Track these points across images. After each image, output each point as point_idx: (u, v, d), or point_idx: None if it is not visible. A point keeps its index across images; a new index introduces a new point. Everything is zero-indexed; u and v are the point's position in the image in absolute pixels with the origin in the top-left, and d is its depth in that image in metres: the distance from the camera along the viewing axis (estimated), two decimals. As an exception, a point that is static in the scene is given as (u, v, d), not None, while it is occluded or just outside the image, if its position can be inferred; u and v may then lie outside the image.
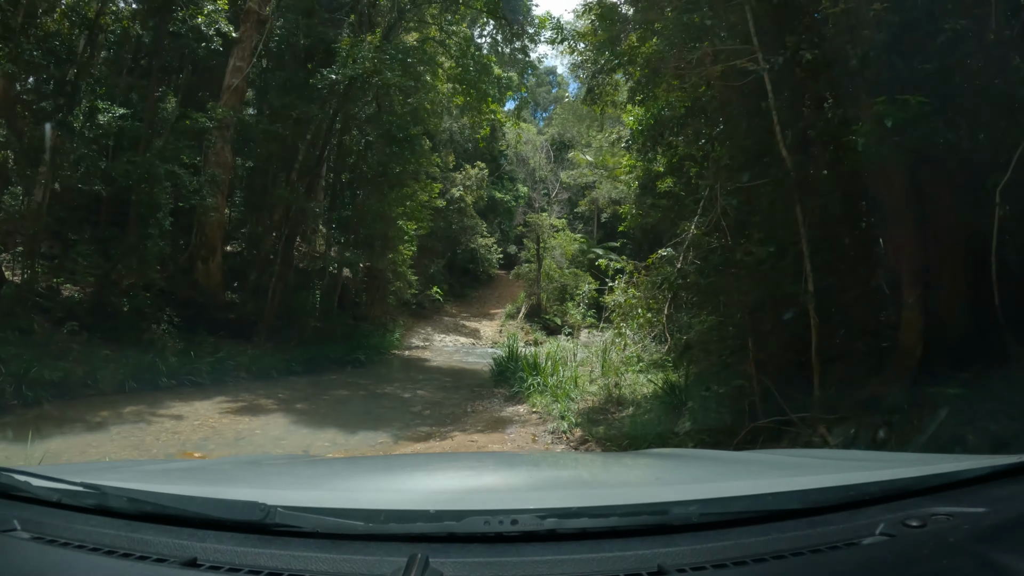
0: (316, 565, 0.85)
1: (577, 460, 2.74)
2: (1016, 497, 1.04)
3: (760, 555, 0.87)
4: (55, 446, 5.36)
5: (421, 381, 11.29)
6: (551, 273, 25.91)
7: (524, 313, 24.21)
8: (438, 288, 19.53)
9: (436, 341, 19.17)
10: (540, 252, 25.23)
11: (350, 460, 2.63)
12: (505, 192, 29.70)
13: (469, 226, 24.97)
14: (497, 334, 21.96)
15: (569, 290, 26.58)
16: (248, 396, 8.75)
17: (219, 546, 0.90)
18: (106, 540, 0.93)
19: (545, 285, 25.40)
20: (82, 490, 1.02)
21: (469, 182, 23.34)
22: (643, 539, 0.92)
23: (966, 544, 0.87)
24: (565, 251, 27.12)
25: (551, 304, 25.56)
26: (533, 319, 24.01)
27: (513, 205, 29.81)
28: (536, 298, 24.91)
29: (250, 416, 7.53)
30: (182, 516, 0.97)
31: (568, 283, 26.33)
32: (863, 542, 0.91)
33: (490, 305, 27.77)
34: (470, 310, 26.40)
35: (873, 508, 1.03)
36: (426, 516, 0.94)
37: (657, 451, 3.05)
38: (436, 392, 9.93)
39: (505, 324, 23.27)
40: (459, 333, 21.29)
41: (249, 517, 0.93)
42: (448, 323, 22.46)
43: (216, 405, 8.04)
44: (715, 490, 1.19)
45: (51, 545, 0.92)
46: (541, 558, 0.86)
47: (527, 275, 26.31)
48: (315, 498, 1.08)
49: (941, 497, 1.05)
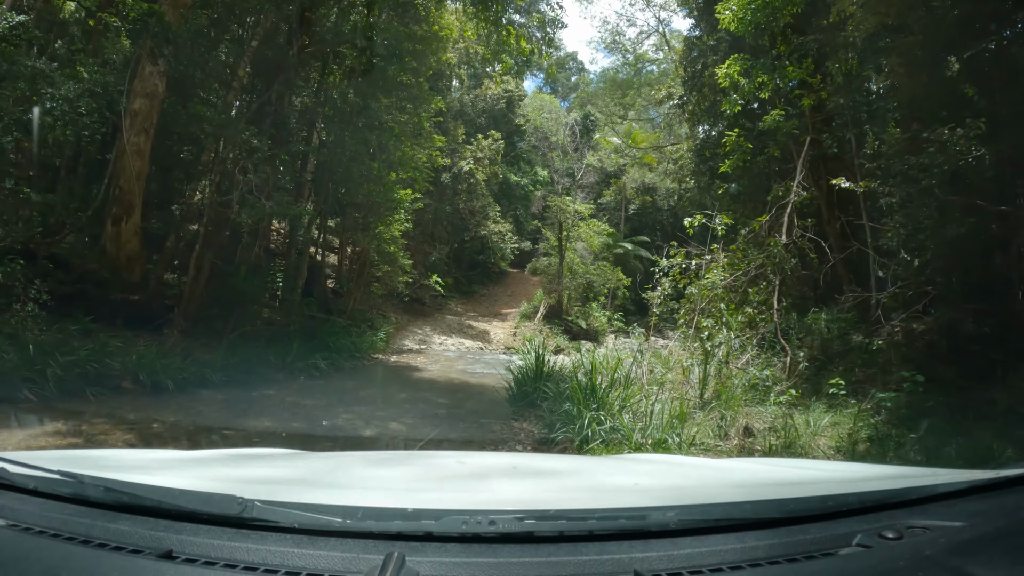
0: (292, 560, 0.84)
1: (557, 463, 2.40)
2: (993, 512, 1.04)
3: (736, 562, 0.86)
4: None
5: (401, 404, 7.41)
6: (574, 268, 22.01)
7: (542, 314, 20.33)
8: (439, 279, 15.54)
9: (435, 344, 15.30)
10: (563, 242, 21.31)
11: (330, 456, 2.18)
12: (522, 175, 25.81)
13: (479, 209, 21.07)
14: (511, 337, 18.08)
15: (596, 288, 22.70)
16: (83, 427, 4.93)
17: (195, 539, 0.89)
18: (82, 529, 0.92)
19: (567, 282, 21.49)
20: (59, 478, 1.01)
21: (481, 154, 19.42)
22: (620, 543, 0.91)
23: (942, 557, 0.86)
24: (590, 244, 23.23)
25: (573, 304, 21.68)
26: (553, 320, 20.16)
27: (531, 190, 25.89)
28: (557, 296, 21.04)
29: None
30: (159, 508, 0.96)
31: (594, 279, 22.45)
32: (840, 552, 0.90)
33: (501, 304, 23.88)
34: (478, 309, 22.53)
35: (850, 519, 1.01)
36: (404, 514, 0.93)
37: (637, 456, 3.08)
38: (419, 426, 6.03)
39: (520, 326, 19.39)
40: (464, 335, 17.40)
41: (226, 511, 0.92)
42: (451, 323, 18.60)
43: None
44: (693, 496, 1.18)
45: (26, 533, 0.91)
46: (518, 559, 0.86)
47: (546, 270, 22.41)
48: (293, 493, 1.08)
49: (919, 510, 1.04)
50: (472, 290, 24.12)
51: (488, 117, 23.88)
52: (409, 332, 15.64)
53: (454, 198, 19.77)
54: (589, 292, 22.76)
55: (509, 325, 20.00)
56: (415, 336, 15.49)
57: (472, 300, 23.51)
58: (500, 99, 23.85)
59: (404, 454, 3.53)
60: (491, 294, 25.05)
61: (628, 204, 28.75)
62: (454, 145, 19.68)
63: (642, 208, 29.11)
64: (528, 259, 26.97)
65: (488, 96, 23.68)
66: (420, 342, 15.01)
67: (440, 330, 17.06)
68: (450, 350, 15.07)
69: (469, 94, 23.95)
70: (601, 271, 22.61)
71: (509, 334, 18.57)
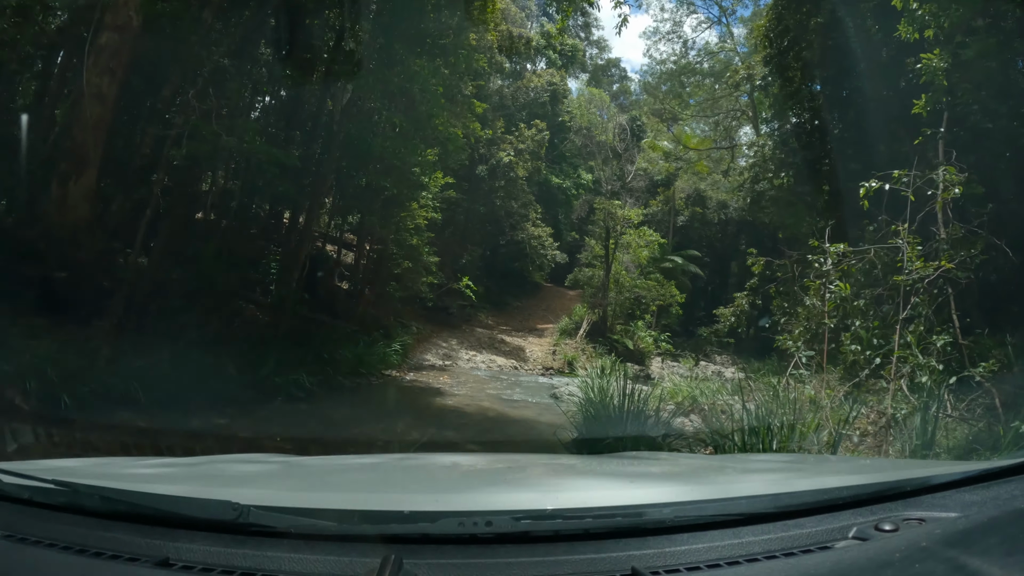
0: (289, 566, 0.84)
1: (552, 463, 2.29)
2: (988, 502, 1.01)
3: (733, 558, 0.87)
4: None
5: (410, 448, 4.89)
6: (621, 280, 19.36)
7: (585, 331, 17.68)
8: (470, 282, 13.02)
9: (462, 360, 12.83)
10: (610, 251, 18.72)
11: (325, 460, 2.12)
12: (564, 177, 23.37)
13: (518, 209, 18.63)
14: (549, 356, 15.51)
15: (644, 303, 19.97)
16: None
17: (192, 546, 0.88)
18: (78, 539, 0.91)
19: (614, 296, 18.83)
20: (54, 488, 0.99)
21: (523, 146, 17.03)
22: (617, 541, 0.90)
23: (938, 548, 0.86)
24: (637, 255, 20.58)
25: (615, 322, 19.00)
26: (596, 339, 17.49)
27: (573, 194, 23.41)
28: (600, 312, 18.38)
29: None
30: (155, 515, 0.95)
31: (643, 294, 19.74)
32: (835, 546, 0.90)
33: (536, 318, 21.31)
34: (511, 323, 20.01)
35: (846, 512, 1.00)
36: (400, 517, 0.91)
37: (632, 454, 3.03)
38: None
39: (559, 343, 16.77)
40: (496, 351, 14.89)
41: (222, 516, 0.89)
42: (481, 336, 16.12)
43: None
44: (688, 493, 1.16)
45: (22, 543, 0.90)
46: (515, 560, 0.85)
47: (588, 282, 19.79)
48: (289, 498, 1.03)
49: (913, 502, 1.03)
50: (504, 302, 21.63)
51: (529, 113, 21.57)
52: (432, 344, 13.21)
53: (490, 196, 17.37)
54: (635, 309, 20.07)
55: (546, 342, 17.41)
56: (439, 349, 13.04)
57: (504, 313, 21.00)
58: (544, 92, 21.60)
59: (399, 457, 2.98)
60: (525, 307, 22.50)
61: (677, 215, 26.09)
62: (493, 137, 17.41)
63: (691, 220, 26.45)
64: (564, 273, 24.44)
65: (531, 88, 21.47)
66: (444, 357, 12.55)
67: (468, 344, 14.59)
68: (480, 368, 12.57)
69: (510, 86, 21.78)
70: (648, 285, 19.91)
71: (547, 352, 15.99)
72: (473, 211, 17.45)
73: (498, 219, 18.69)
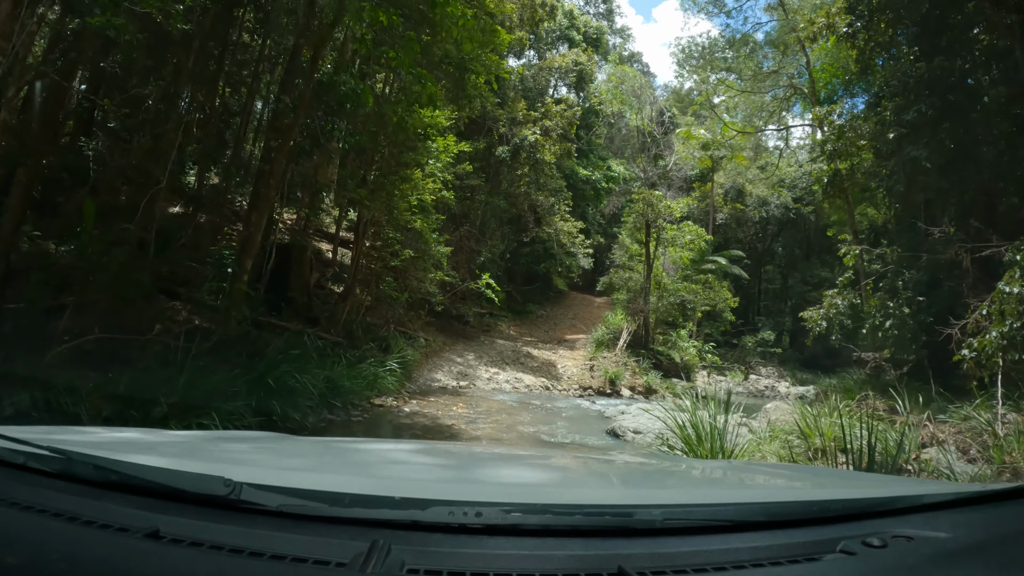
0: (278, 545, 0.80)
1: (545, 458, 2.19)
2: (978, 525, 1.02)
3: (720, 563, 0.84)
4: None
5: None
6: (663, 282, 16.62)
7: (626, 341, 14.93)
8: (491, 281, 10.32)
9: (481, 379, 10.19)
10: (651, 247, 15.98)
11: (320, 441, 2.11)
12: (593, 169, 20.75)
13: (544, 202, 16.01)
14: (586, 372, 12.80)
15: (690, 309, 17.19)
16: None
17: (182, 519, 0.86)
18: (69, 506, 0.89)
19: (655, 301, 16.07)
20: (47, 454, 0.98)
21: (550, 123, 14.43)
22: (605, 540, 0.90)
23: (924, 567, 0.86)
24: (680, 254, 17.85)
25: (655, 330, 16.25)
26: (637, 350, 14.74)
27: (604, 187, 20.76)
28: (642, 319, 15.62)
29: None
30: (147, 487, 0.92)
31: (688, 299, 16.98)
32: (823, 558, 0.88)
33: (564, 328, 18.62)
34: (535, 333, 17.35)
35: (835, 525, 1.00)
36: (391, 502, 0.90)
37: (626, 455, 3.03)
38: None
39: (596, 356, 14.05)
40: (522, 367, 12.23)
41: (215, 492, 0.88)
42: (503, 349, 13.48)
43: None
44: (679, 496, 1.17)
45: (12, 508, 0.88)
46: (503, 552, 0.84)
47: (625, 284, 17.00)
48: (281, 477, 1.03)
49: (904, 520, 1.03)
50: (527, 310, 19.01)
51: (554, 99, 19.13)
52: (443, 360, 10.60)
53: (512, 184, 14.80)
54: (678, 316, 17.30)
55: (580, 355, 14.71)
56: (452, 366, 10.42)
57: (527, 322, 18.36)
58: (569, 72, 19.08)
59: (393, 443, 3.01)
60: (550, 316, 19.83)
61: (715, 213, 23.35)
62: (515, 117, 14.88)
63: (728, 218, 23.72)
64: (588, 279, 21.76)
65: (555, 69, 18.96)
66: (459, 376, 9.92)
67: (489, 359, 11.96)
68: (504, 389, 9.91)
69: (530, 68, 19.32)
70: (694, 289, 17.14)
71: (583, 368, 13.28)
72: (492, 204, 14.92)
73: (520, 213, 16.11)
